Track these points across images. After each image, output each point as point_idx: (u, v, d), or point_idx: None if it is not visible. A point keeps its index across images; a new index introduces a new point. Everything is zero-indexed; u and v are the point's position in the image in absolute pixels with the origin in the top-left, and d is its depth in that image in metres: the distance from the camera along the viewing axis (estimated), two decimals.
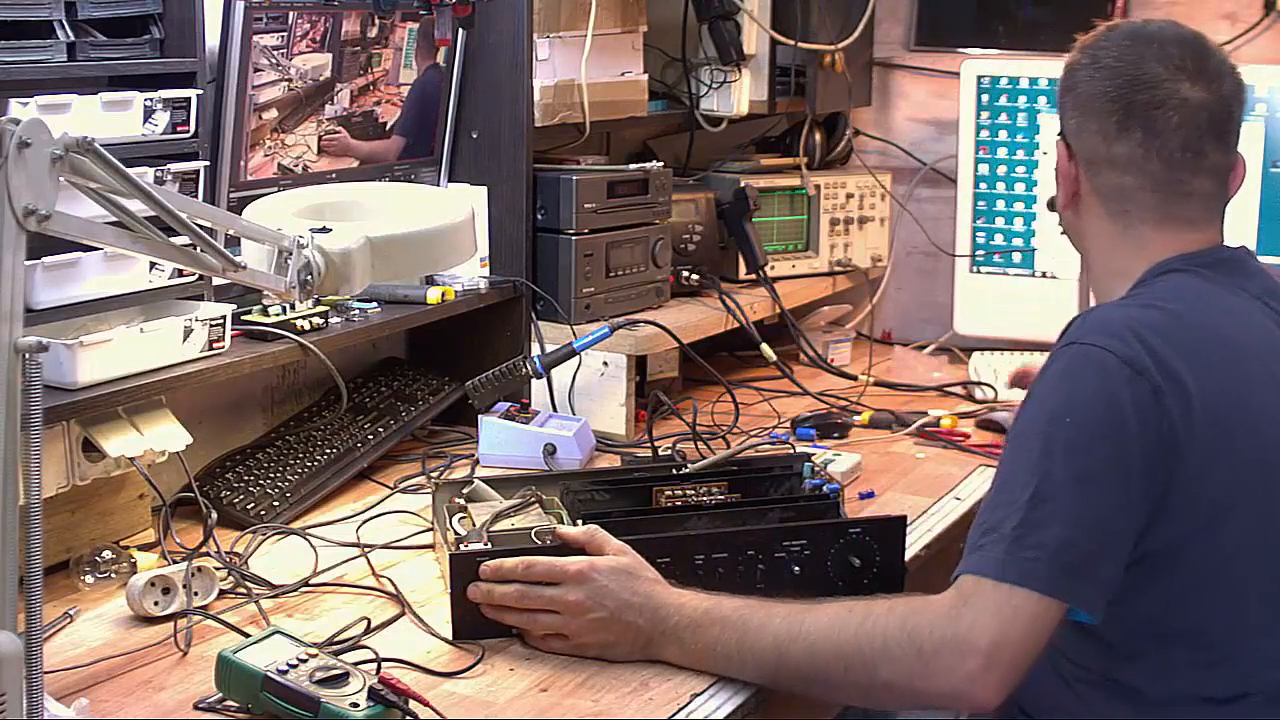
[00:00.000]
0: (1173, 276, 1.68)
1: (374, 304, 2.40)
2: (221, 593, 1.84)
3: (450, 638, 1.73)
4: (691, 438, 2.40)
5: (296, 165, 2.34)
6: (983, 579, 1.50)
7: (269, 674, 1.50)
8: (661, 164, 2.80)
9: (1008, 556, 1.50)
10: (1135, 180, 1.71)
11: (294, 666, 1.51)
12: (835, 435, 2.57)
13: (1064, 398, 1.55)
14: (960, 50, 3.25)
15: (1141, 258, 1.71)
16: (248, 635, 1.66)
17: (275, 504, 2.14)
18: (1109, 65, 1.72)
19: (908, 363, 3.15)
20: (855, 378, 2.93)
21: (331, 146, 2.40)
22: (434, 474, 2.36)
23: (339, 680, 1.50)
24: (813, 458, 2.15)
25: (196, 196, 2.00)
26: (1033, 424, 1.57)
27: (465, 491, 1.96)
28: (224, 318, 2.07)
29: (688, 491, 2.05)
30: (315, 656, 1.54)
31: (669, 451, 2.30)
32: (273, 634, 1.58)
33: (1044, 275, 3.02)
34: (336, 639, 1.71)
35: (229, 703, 1.54)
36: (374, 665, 1.56)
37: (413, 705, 1.51)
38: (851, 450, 2.45)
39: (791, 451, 2.35)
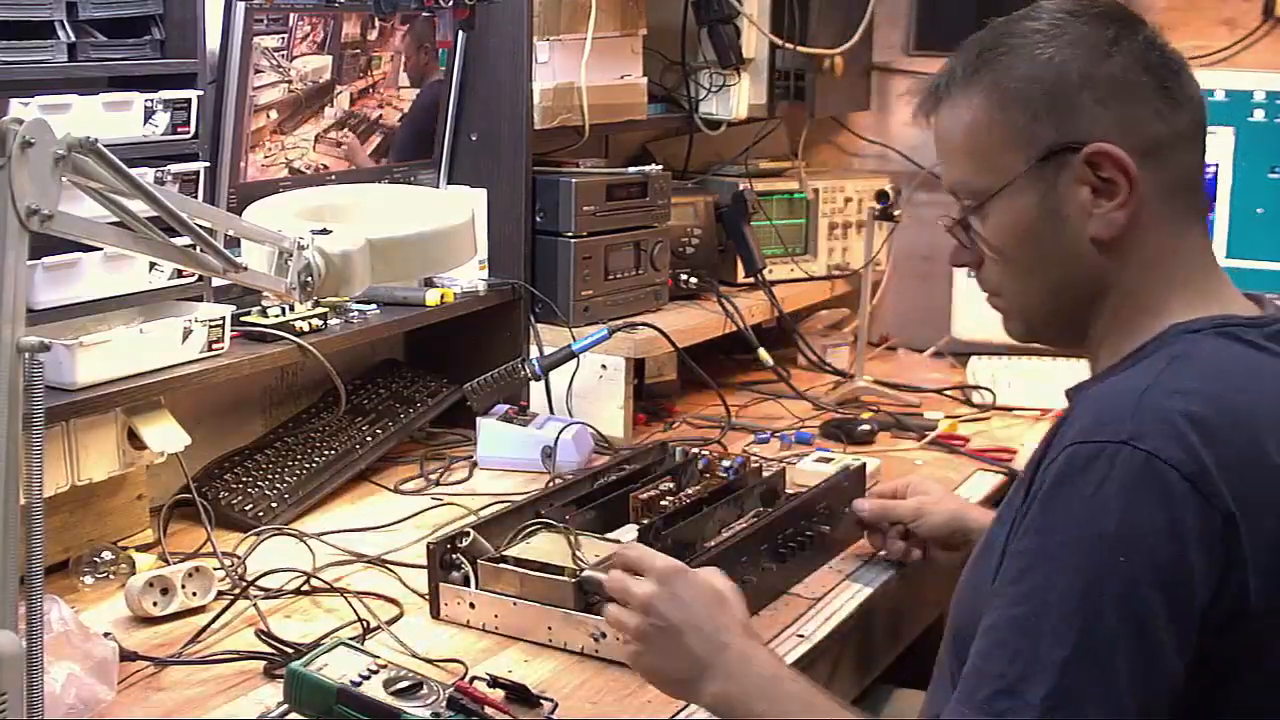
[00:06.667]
0: (1216, 343, 1.31)
1: (373, 306, 2.40)
2: (220, 594, 1.84)
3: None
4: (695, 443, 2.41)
5: (296, 167, 2.34)
6: None
7: (344, 687, 1.46)
8: (660, 167, 2.81)
9: None
10: (1197, 158, 1.39)
11: (366, 679, 1.48)
12: (857, 440, 2.56)
13: (1116, 525, 1.18)
14: None
15: (1184, 284, 1.36)
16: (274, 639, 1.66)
17: (273, 505, 2.14)
18: (1108, 39, 1.36)
19: (907, 365, 3.16)
20: (849, 376, 2.94)
21: (331, 148, 2.40)
22: (432, 474, 2.36)
23: (413, 690, 1.47)
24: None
25: (196, 197, 2.00)
26: (1067, 550, 1.20)
27: (464, 545, 1.83)
28: (223, 319, 2.07)
29: (661, 487, 2.04)
30: (386, 667, 1.50)
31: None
32: (336, 645, 1.55)
33: None
34: None
35: (293, 716, 1.51)
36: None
37: (488, 712, 1.48)
38: (854, 455, 2.45)
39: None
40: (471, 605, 1.78)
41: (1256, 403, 1.25)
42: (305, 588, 1.88)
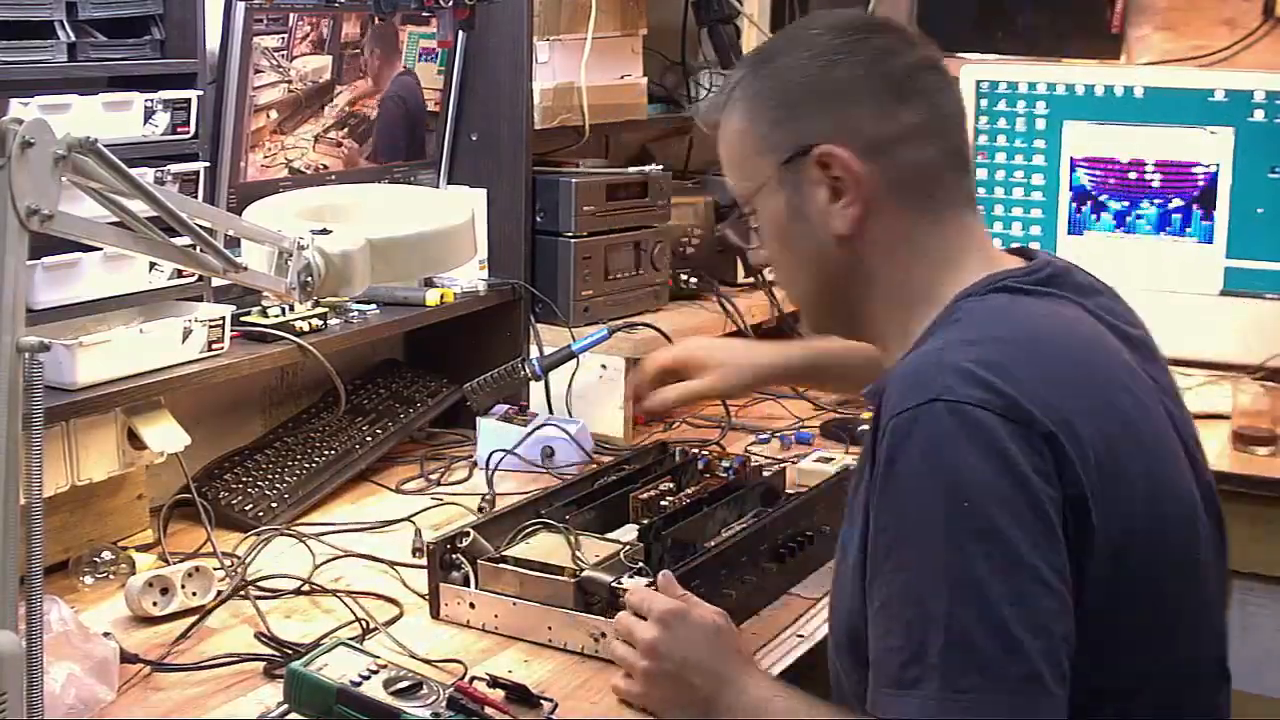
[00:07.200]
0: (993, 298, 1.40)
1: (373, 306, 2.40)
2: (219, 593, 1.84)
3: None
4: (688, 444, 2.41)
5: (296, 167, 2.34)
6: None
7: (343, 687, 1.46)
8: (660, 167, 2.81)
9: (941, 695, 1.22)
10: (935, 151, 1.44)
11: (366, 679, 1.48)
12: (858, 440, 2.55)
13: (951, 476, 1.25)
14: (959, 55, 3.26)
15: (951, 264, 1.43)
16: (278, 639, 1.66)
17: (273, 505, 2.14)
18: (837, 48, 1.44)
19: None
20: None
21: (331, 148, 2.40)
22: (432, 475, 2.36)
23: (413, 690, 1.47)
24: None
25: (196, 197, 2.00)
26: (919, 515, 1.26)
27: (464, 545, 1.81)
28: (223, 319, 2.07)
29: (661, 487, 2.04)
30: (386, 667, 1.51)
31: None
32: (336, 645, 1.55)
33: None
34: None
35: (293, 716, 1.51)
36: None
37: (488, 712, 1.48)
38: (854, 455, 2.45)
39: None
40: (471, 605, 1.78)
41: (1038, 338, 1.35)
42: (305, 588, 1.88)
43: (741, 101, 1.48)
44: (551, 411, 2.52)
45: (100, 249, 1.85)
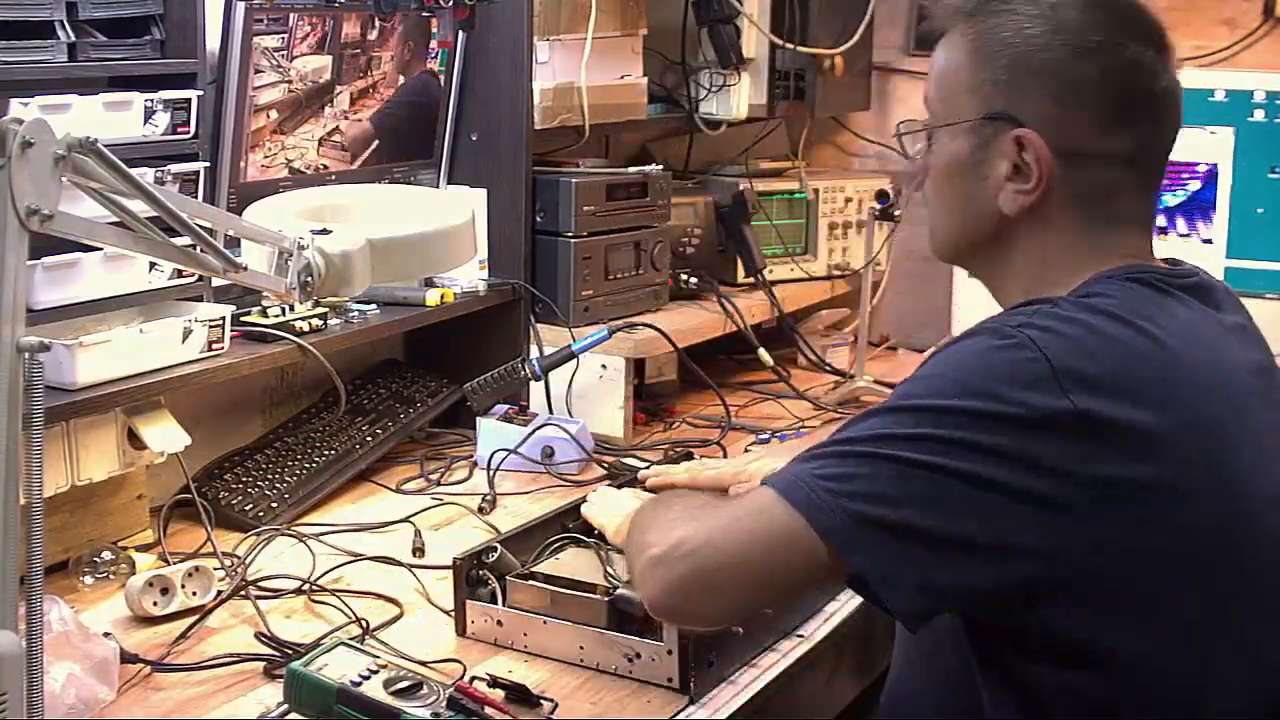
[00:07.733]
0: (1128, 284, 1.38)
1: (373, 306, 2.40)
2: (220, 593, 1.84)
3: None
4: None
5: (296, 167, 2.34)
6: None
7: (343, 687, 1.46)
8: (660, 167, 2.81)
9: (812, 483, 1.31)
10: (1126, 177, 1.42)
11: (366, 679, 1.48)
12: None
13: (966, 372, 1.30)
14: None
15: (1092, 264, 1.42)
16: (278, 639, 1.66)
17: (273, 505, 2.14)
18: (1092, 43, 1.39)
19: (907, 365, 3.16)
20: (849, 376, 2.94)
21: (331, 149, 2.40)
22: (432, 475, 2.36)
23: (413, 690, 1.47)
24: None
25: (196, 197, 2.00)
26: (917, 377, 1.35)
27: (490, 560, 1.78)
28: (223, 319, 2.07)
29: None
30: (386, 667, 1.50)
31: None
32: (336, 645, 1.55)
33: None
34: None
35: (293, 716, 1.51)
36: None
37: (488, 712, 1.48)
38: None
39: None
40: (499, 623, 1.73)
41: (1156, 335, 1.32)
42: (305, 587, 1.88)
43: (971, 37, 1.45)
44: (551, 411, 2.52)
45: (100, 249, 1.85)
